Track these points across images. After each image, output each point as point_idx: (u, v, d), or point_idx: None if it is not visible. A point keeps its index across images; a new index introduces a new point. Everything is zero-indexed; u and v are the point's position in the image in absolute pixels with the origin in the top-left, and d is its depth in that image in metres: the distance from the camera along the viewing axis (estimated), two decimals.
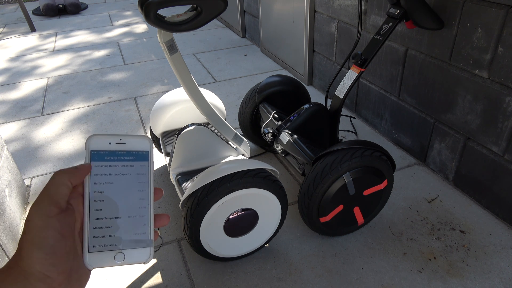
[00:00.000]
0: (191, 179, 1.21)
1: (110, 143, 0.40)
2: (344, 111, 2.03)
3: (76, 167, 0.38)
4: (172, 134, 1.46)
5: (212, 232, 1.08)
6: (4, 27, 3.83)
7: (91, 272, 0.39)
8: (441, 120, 1.45)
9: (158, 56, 2.90)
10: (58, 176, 0.37)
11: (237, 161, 1.10)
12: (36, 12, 4.24)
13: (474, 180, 1.38)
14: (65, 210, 0.36)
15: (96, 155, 0.39)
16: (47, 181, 0.36)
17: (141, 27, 3.67)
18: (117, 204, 0.39)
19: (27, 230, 0.34)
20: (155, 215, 0.41)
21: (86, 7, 4.47)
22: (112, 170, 0.39)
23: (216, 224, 1.08)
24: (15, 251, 1.28)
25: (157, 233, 0.41)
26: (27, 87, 2.47)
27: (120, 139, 0.40)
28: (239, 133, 1.37)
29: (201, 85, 2.39)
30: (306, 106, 1.36)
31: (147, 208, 0.40)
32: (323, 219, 1.17)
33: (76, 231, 0.37)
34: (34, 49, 3.16)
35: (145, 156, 0.41)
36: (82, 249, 0.37)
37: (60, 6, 4.11)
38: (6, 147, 1.43)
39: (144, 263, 0.40)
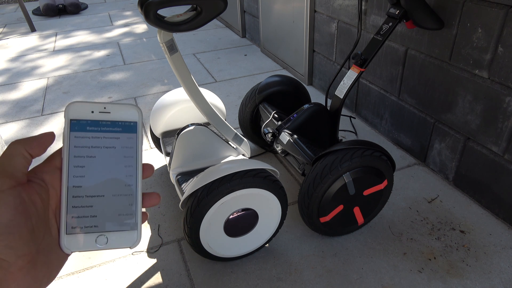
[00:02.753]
0: (191, 179, 1.21)
1: (92, 112, 0.35)
2: (344, 111, 2.03)
3: (35, 136, 0.33)
4: (172, 134, 1.46)
5: (212, 232, 1.08)
6: (4, 27, 3.83)
7: (69, 256, 0.35)
8: (441, 120, 1.45)
9: (158, 56, 2.91)
10: (12, 146, 0.31)
11: (237, 161, 1.10)
12: (36, 12, 4.25)
13: (474, 180, 1.38)
14: (26, 184, 0.31)
15: (76, 125, 0.34)
16: None
17: (141, 27, 3.67)
18: (100, 181, 0.34)
19: None
20: (143, 194, 0.37)
21: (86, 7, 4.47)
22: (94, 142, 0.34)
23: (216, 224, 1.08)
24: None
25: (146, 214, 0.37)
26: (27, 87, 2.47)
27: (105, 108, 0.35)
28: (239, 133, 1.37)
29: (201, 85, 2.39)
30: (306, 106, 1.36)
31: (135, 186, 0.36)
32: (323, 219, 1.17)
33: (50, 210, 0.33)
34: (34, 49, 3.16)
35: (133, 128, 0.36)
36: (59, 230, 0.33)
37: (60, 6, 4.11)
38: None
39: (130, 247, 0.36)
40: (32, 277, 0.30)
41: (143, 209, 0.37)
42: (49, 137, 0.33)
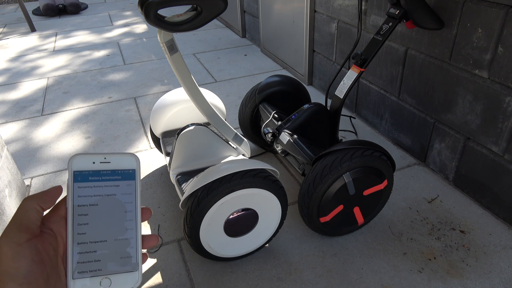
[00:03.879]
0: (191, 179, 1.21)
1: (94, 163, 0.38)
2: (344, 111, 2.03)
3: (45, 191, 0.37)
4: (172, 134, 1.46)
5: (212, 232, 1.08)
6: (4, 27, 3.83)
7: None
8: (441, 120, 1.45)
9: (158, 56, 2.91)
10: (26, 202, 0.35)
11: (237, 161, 1.10)
12: (36, 12, 4.25)
13: (474, 180, 1.38)
14: (39, 236, 0.34)
15: (79, 176, 0.37)
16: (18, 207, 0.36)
17: (141, 27, 3.67)
18: (102, 227, 0.37)
19: None
20: (143, 236, 0.40)
21: (86, 7, 4.47)
22: (96, 191, 0.37)
23: (216, 224, 1.08)
24: None
25: (145, 255, 0.40)
26: (27, 87, 2.47)
27: (105, 158, 0.38)
28: (239, 133, 1.37)
29: (201, 85, 2.39)
30: (306, 106, 1.36)
31: (134, 229, 0.38)
32: (323, 219, 1.17)
33: (59, 256, 0.36)
34: (34, 49, 3.16)
35: (131, 175, 0.39)
36: (66, 276, 0.36)
37: (60, 6, 4.11)
38: (6, 147, 1.43)
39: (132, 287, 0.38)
40: None
41: (143, 251, 0.39)
42: (57, 191, 0.37)
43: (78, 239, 0.36)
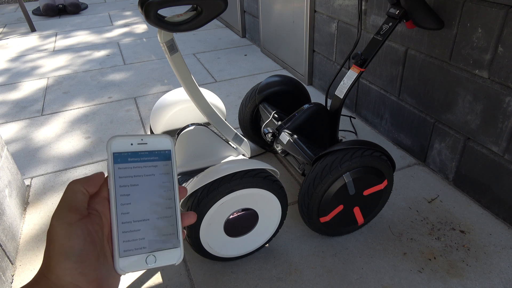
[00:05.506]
0: (191, 179, 1.21)
1: (131, 144, 0.39)
2: (344, 111, 2.03)
3: (89, 176, 0.38)
4: (173, 134, 1.46)
5: (212, 232, 1.08)
6: (4, 27, 3.83)
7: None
8: (441, 120, 1.45)
9: (158, 56, 2.91)
10: (72, 185, 0.37)
11: (237, 161, 1.10)
12: (36, 12, 4.25)
13: (474, 180, 1.38)
14: (87, 216, 0.36)
15: (118, 157, 0.38)
16: (63, 192, 0.37)
17: (141, 27, 3.67)
18: (144, 206, 0.38)
19: (51, 240, 0.33)
20: (181, 214, 0.41)
21: (86, 7, 4.47)
22: (136, 172, 0.38)
23: (216, 224, 1.08)
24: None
25: (184, 232, 0.41)
26: (27, 87, 2.47)
27: (142, 139, 0.39)
28: (239, 133, 1.37)
29: (201, 85, 2.39)
30: (306, 106, 1.36)
31: (174, 208, 0.40)
32: (323, 219, 1.17)
33: (104, 237, 0.37)
34: (34, 49, 3.16)
35: (168, 155, 0.40)
36: (113, 255, 0.37)
37: (60, 6, 4.11)
38: (6, 147, 1.43)
39: (175, 263, 0.39)
40: None
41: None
42: (101, 176, 0.38)
43: (122, 218, 0.37)
